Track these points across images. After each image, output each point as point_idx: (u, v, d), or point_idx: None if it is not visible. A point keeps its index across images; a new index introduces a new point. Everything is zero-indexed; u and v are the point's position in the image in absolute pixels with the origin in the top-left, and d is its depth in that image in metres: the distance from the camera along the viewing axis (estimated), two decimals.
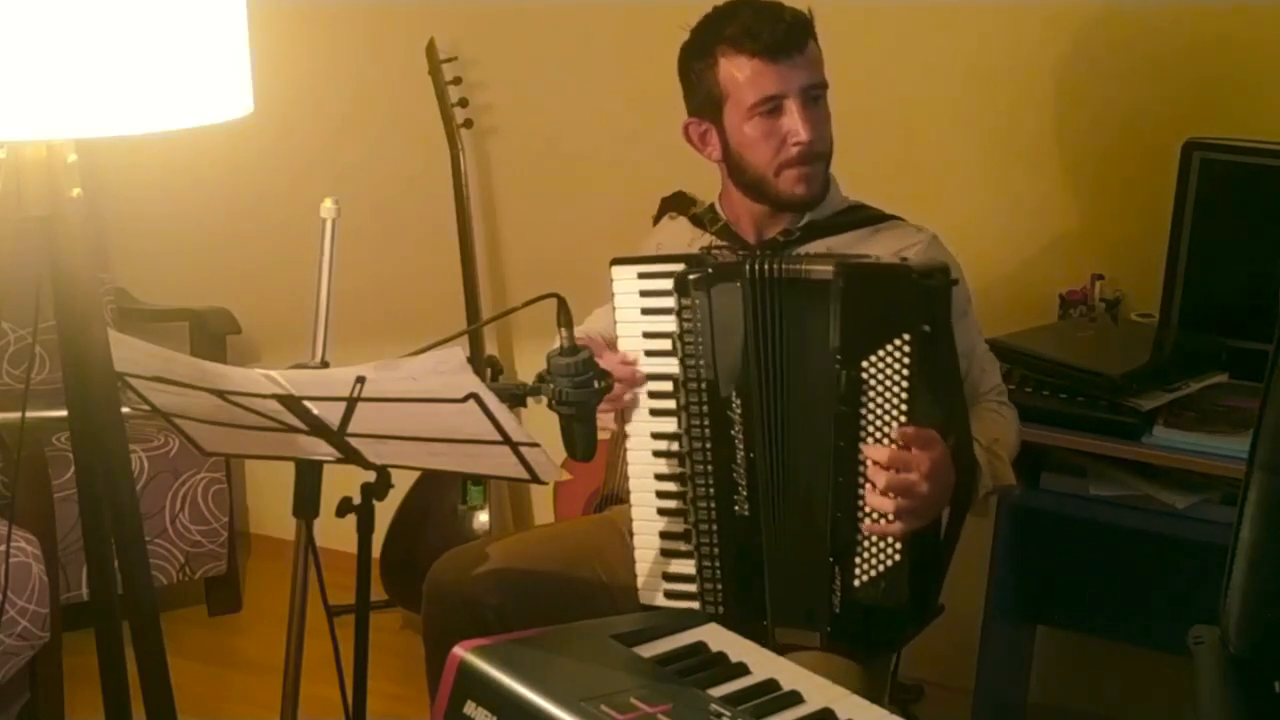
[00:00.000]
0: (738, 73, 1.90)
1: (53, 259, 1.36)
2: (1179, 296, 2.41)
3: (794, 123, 1.90)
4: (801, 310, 1.76)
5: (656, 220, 2.65)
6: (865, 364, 1.70)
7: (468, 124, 3.07)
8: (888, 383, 1.69)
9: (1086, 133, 2.64)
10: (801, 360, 1.77)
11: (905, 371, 1.67)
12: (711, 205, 2.11)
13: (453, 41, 3.07)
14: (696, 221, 2.12)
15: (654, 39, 2.93)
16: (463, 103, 3.07)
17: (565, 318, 1.64)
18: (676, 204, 2.59)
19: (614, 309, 1.88)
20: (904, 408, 1.68)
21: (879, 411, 1.70)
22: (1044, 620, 2.75)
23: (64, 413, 1.42)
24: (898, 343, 1.67)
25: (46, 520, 2.62)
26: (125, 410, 1.46)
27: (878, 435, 1.71)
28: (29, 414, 1.75)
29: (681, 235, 2.12)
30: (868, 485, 1.72)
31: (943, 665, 2.71)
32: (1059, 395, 2.31)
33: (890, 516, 1.71)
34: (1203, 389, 2.29)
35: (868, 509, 1.74)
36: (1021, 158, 2.70)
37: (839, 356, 1.72)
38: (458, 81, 3.06)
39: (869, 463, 1.71)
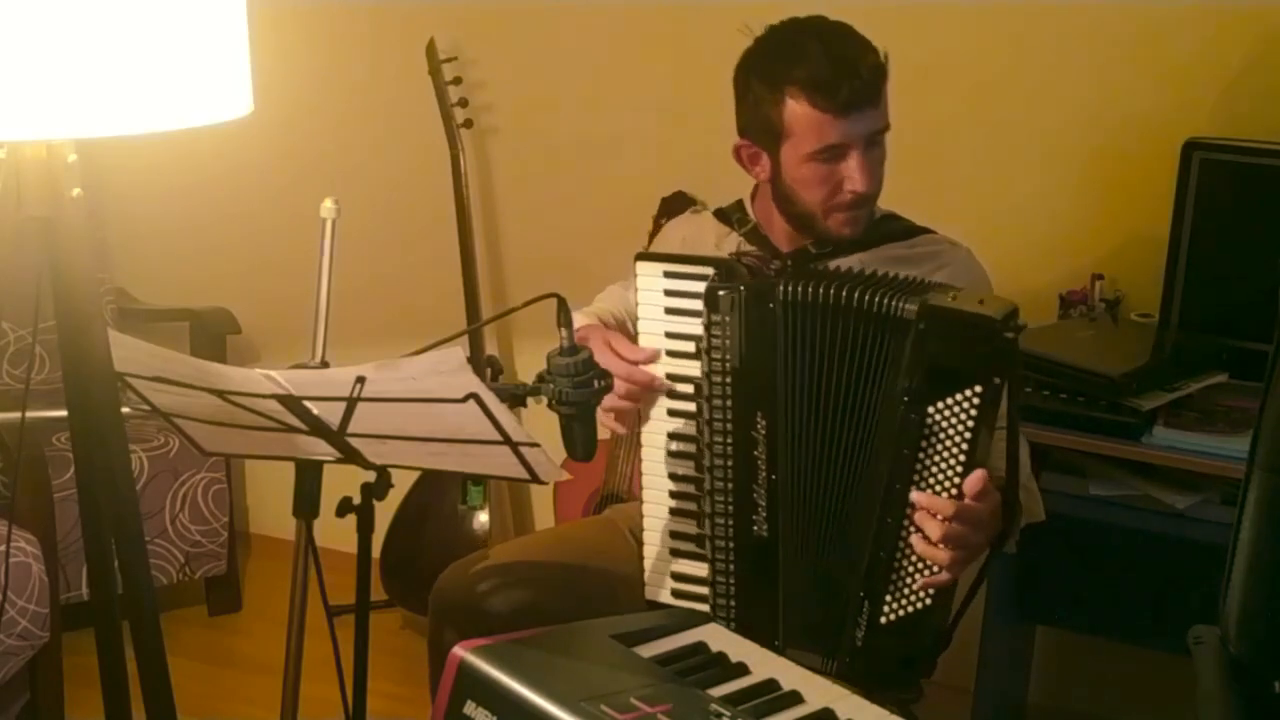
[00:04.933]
0: (803, 116, 1.85)
1: (53, 259, 1.36)
2: (1179, 296, 2.41)
3: (852, 171, 1.86)
4: (853, 338, 1.71)
5: (656, 220, 2.66)
6: (932, 409, 1.65)
7: (468, 124, 3.07)
8: (951, 430, 1.65)
9: (1086, 133, 2.64)
10: (845, 387, 1.73)
11: (971, 422, 1.63)
12: (739, 203, 2.08)
13: (453, 41, 3.07)
14: (722, 218, 2.08)
15: (655, 39, 2.93)
16: (463, 103, 3.07)
17: (565, 318, 1.63)
18: (676, 204, 2.60)
19: (637, 304, 1.85)
20: (963, 457, 1.64)
21: (937, 458, 1.66)
22: (1044, 620, 2.74)
23: (64, 413, 1.42)
24: (968, 392, 1.62)
25: (46, 520, 2.62)
26: (125, 410, 1.46)
27: (932, 481, 1.67)
28: (29, 414, 1.75)
29: (706, 232, 2.09)
30: (917, 534, 1.68)
31: (943, 665, 2.70)
32: (1059, 395, 2.30)
33: (938, 566, 1.68)
34: (1203, 389, 2.29)
35: (914, 556, 1.70)
36: (1021, 158, 2.70)
37: (906, 398, 1.67)
38: (458, 81, 3.06)
39: (925, 511, 1.67)
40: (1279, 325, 1.38)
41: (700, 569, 1.88)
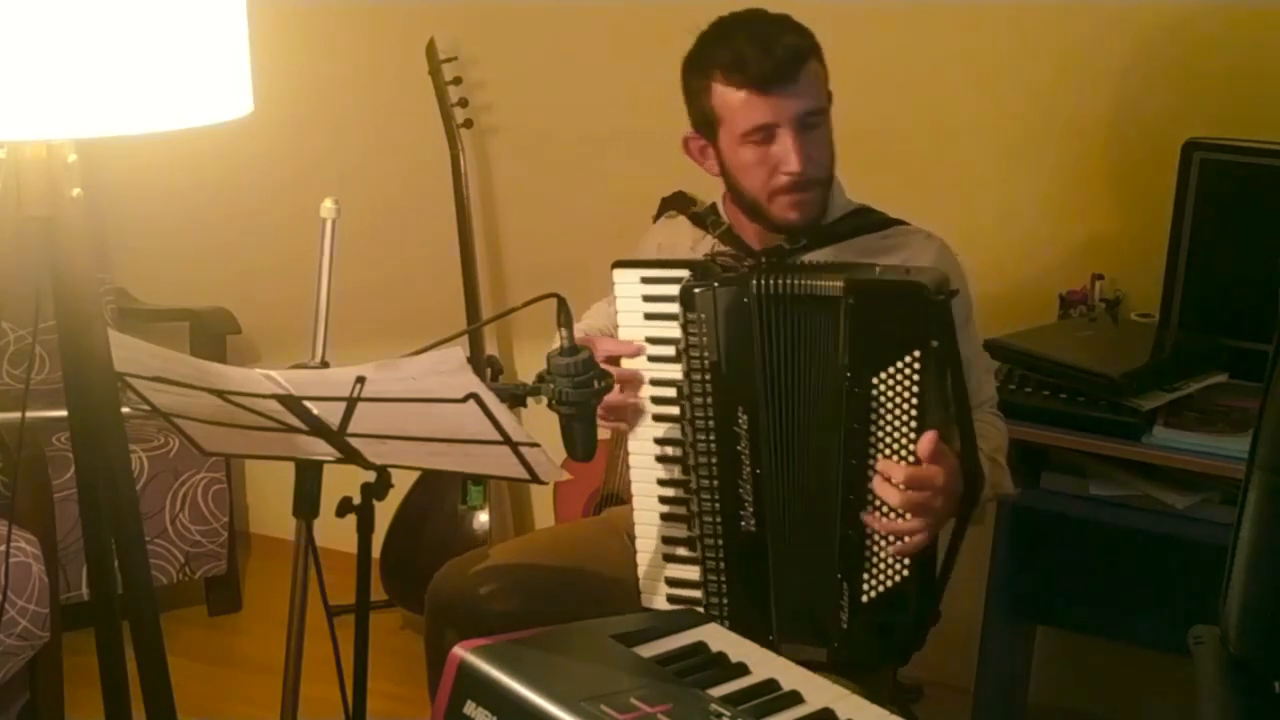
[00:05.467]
0: (729, 99, 1.88)
1: (53, 259, 1.36)
2: (1179, 296, 2.41)
3: (785, 152, 1.87)
4: (810, 325, 1.74)
5: (657, 220, 2.65)
6: (875, 380, 1.68)
7: (468, 124, 3.07)
8: (898, 399, 1.67)
9: (1086, 133, 2.64)
10: (810, 375, 1.75)
11: (915, 388, 1.66)
12: (713, 206, 2.10)
13: (453, 41, 3.07)
14: (697, 221, 2.10)
15: (654, 39, 2.92)
16: (463, 103, 3.07)
17: (565, 318, 1.63)
18: (676, 204, 2.59)
19: (616, 311, 1.87)
20: (914, 424, 1.67)
21: (889, 428, 1.69)
22: (1044, 620, 2.74)
23: (64, 413, 1.42)
24: (908, 359, 1.65)
25: (46, 520, 2.62)
26: (125, 410, 1.46)
27: (887, 452, 1.70)
28: (29, 414, 1.75)
29: (682, 236, 2.11)
30: (880, 503, 1.71)
31: (943, 665, 2.71)
32: (1059, 395, 2.31)
33: (906, 535, 1.70)
34: (1203, 389, 2.30)
35: (881, 528, 1.72)
36: (1021, 158, 2.70)
37: (849, 374, 1.70)
38: (458, 81, 3.06)
39: (882, 481, 1.70)
40: (1279, 325, 1.38)
41: (694, 572, 1.88)
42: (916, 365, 1.65)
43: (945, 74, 2.73)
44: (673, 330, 1.82)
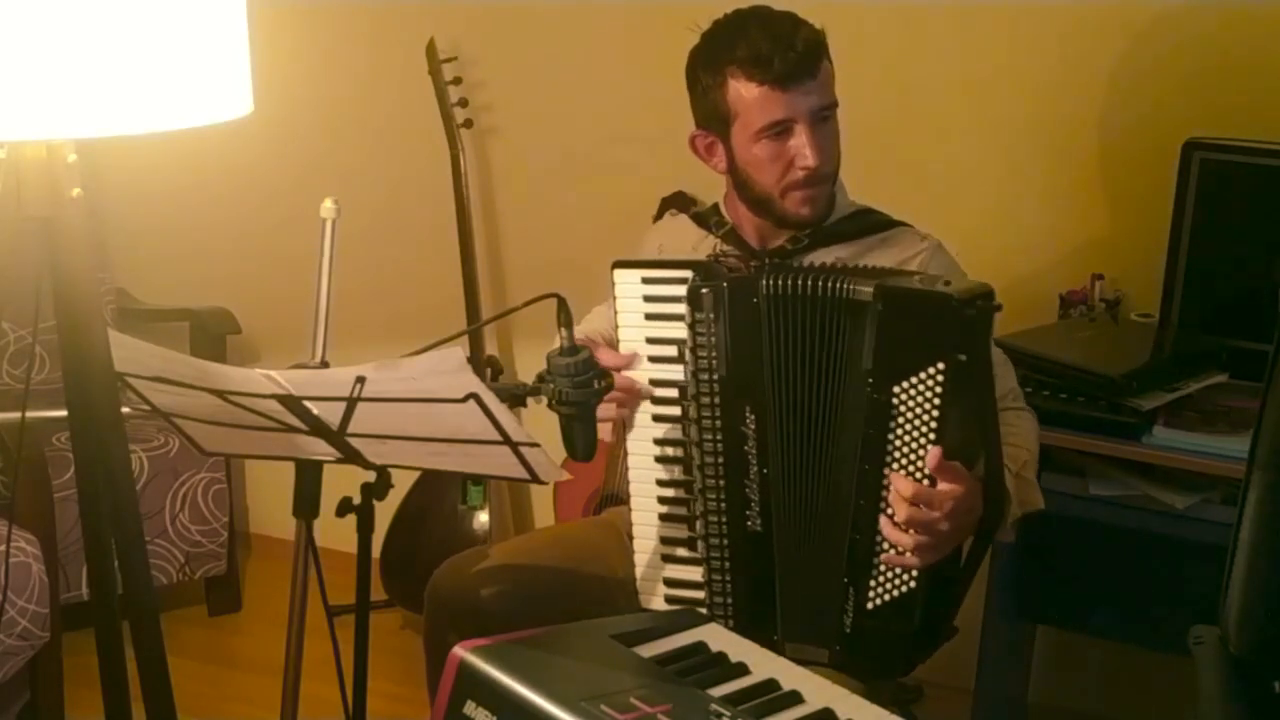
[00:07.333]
0: (746, 94, 1.88)
1: (53, 259, 1.36)
2: (1179, 296, 2.41)
3: (802, 146, 1.88)
4: (830, 327, 1.73)
5: (657, 220, 2.66)
6: (897, 389, 1.66)
7: (468, 124, 3.07)
8: (918, 410, 1.65)
9: (1086, 133, 2.64)
10: (826, 378, 1.74)
11: (937, 400, 1.63)
12: (715, 206, 2.10)
13: (453, 41, 3.07)
14: (700, 221, 2.10)
15: (655, 39, 2.93)
16: (463, 103, 3.07)
17: (565, 318, 1.63)
18: (676, 204, 2.60)
19: (615, 312, 1.87)
20: (932, 436, 1.65)
21: (906, 438, 1.67)
22: (1044, 620, 2.74)
23: (64, 413, 1.42)
24: (931, 370, 1.63)
25: (46, 520, 2.62)
26: (125, 410, 1.46)
27: (903, 462, 1.68)
28: (29, 414, 1.75)
29: (684, 236, 2.11)
30: (885, 517, 1.69)
31: (943, 665, 2.70)
32: (1059, 395, 2.31)
33: (908, 551, 1.68)
34: (1203, 389, 2.29)
35: (888, 536, 1.71)
36: (1021, 158, 2.70)
37: (870, 379, 1.68)
38: (458, 81, 3.06)
39: (892, 493, 1.68)
40: (1279, 325, 1.38)
41: (693, 573, 1.88)
42: (940, 378, 1.62)
43: (944, 74, 2.73)
44: (674, 330, 1.82)
